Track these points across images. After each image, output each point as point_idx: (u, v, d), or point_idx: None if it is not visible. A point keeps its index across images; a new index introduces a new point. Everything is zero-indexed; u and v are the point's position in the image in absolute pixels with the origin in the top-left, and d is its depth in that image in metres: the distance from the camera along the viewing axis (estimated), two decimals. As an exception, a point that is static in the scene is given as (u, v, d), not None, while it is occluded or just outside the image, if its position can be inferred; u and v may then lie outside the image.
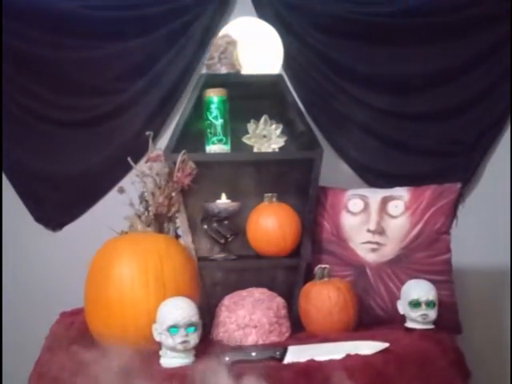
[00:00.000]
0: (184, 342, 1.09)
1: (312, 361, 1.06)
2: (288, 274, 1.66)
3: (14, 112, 1.74)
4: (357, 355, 1.07)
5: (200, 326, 1.15)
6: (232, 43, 1.66)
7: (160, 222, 1.58)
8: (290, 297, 1.60)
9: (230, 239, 1.64)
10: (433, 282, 1.50)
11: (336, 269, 1.61)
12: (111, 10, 1.76)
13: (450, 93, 1.83)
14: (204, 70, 1.69)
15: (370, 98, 1.83)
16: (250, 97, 1.75)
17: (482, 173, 1.85)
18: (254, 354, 1.10)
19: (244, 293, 1.49)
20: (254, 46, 1.71)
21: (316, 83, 1.85)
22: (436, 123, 1.85)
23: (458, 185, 1.59)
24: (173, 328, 1.10)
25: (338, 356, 1.08)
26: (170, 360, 1.12)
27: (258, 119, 1.73)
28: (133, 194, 1.57)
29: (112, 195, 1.74)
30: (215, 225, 1.62)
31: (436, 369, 1.12)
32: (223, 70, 1.64)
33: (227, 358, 1.10)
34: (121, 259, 1.25)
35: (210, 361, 1.09)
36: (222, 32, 1.73)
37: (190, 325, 1.11)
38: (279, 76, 1.64)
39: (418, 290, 1.36)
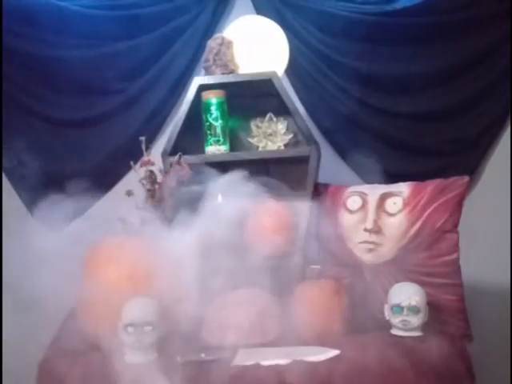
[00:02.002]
0: (137, 340, 1.14)
1: (256, 365, 1.04)
2: (286, 274, 1.64)
3: (14, 112, 1.83)
4: (302, 361, 1.03)
5: (159, 325, 1.18)
6: (225, 44, 1.67)
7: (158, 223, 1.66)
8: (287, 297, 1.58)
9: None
10: (436, 285, 1.40)
11: (334, 269, 1.55)
12: (111, 9, 1.82)
13: (450, 92, 1.79)
14: (202, 72, 1.72)
15: (369, 97, 1.80)
16: (249, 96, 1.75)
17: (483, 172, 1.81)
18: (203, 355, 1.11)
19: (234, 293, 1.49)
20: (260, 45, 1.71)
21: (316, 82, 1.83)
22: (436, 122, 1.80)
23: (466, 178, 1.45)
24: (129, 326, 1.16)
25: (285, 361, 1.05)
26: (129, 357, 1.17)
27: (257, 118, 1.73)
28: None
29: (111, 195, 1.84)
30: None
31: (398, 380, 1.04)
32: (217, 72, 1.66)
33: (178, 358, 1.12)
34: (99, 261, 1.33)
35: (164, 359, 1.13)
36: (227, 31, 1.74)
37: (146, 324, 1.16)
38: (273, 73, 1.62)
39: (400, 293, 1.26)
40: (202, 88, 1.65)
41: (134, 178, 1.60)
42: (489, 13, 1.77)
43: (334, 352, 1.06)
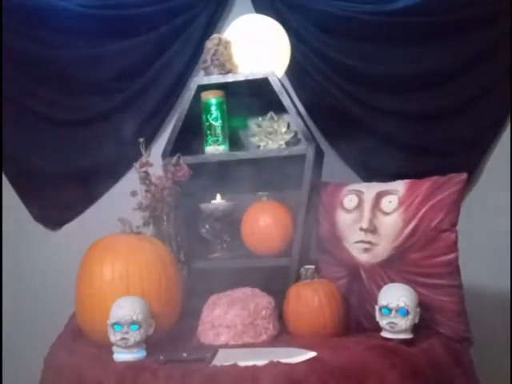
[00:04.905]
0: (123, 339, 1.16)
1: (233, 365, 1.05)
2: (283, 273, 1.63)
3: (13, 111, 1.85)
4: (278, 363, 1.02)
5: (147, 324, 1.20)
6: (222, 44, 1.67)
7: (157, 223, 1.68)
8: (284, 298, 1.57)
9: (226, 239, 1.66)
10: (433, 286, 1.36)
11: (332, 269, 1.53)
12: (110, 9, 1.84)
13: (450, 91, 1.77)
14: (202, 73, 1.73)
15: (369, 96, 1.78)
16: (249, 95, 1.75)
17: (482, 172, 1.80)
18: (184, 354, 1.12)
19: (228, 292, 1.50)
20: (262, 44, 1.70)
21: (316, 82, 1.82)
22: (435, 122, 1.78)
23: (463, 175, 1.39)
24: (116, 325, 1.18)
25: (262, 362, 1.04)
26: (117, 355, 1.19)
27: (258, 117, 1.73)
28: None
29: (111, 194, 1.87)
30: (209, 225, 1.65)
31: (377, 383, 1.01)
32: (215, 72, 1.67)
33: (161, 357, 1.14)
34: (93, 260, 1.35)
35: (147, 359, 1.15)
36: (229, 30, 1.75)
37: (132, 323, 1.17)
38: (270, 72, 1.61)
39: (388, 295, 1.22)
40: (201, 88, 1.67)
41: (133, 178, 1.63)
42: (488, 12, 1.74)
43: (311, 354, 1.05)
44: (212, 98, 1.67)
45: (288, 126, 1.74)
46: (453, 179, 1.40)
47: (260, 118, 1.75)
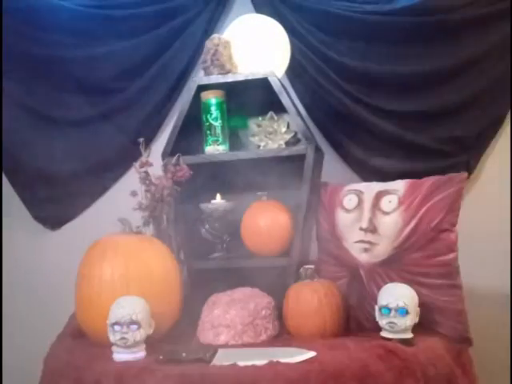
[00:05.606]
0: (123, 338, 1.17)
1: (233, 365, 1.05)
2: (283, 273, 1.63)
3: (14, 111, 1.85)
4: (278, 363, 1.02)
5: (146, 324, 1.20)
6: (222, 44, 1.67)
7: (157, 223, 1.68)
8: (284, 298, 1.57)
9: (226, 239, 1.67)
10: (433, 286, 1.36)
11: (332, 269, 1.54)
12: (110, 8, 1.85)
13: (450, 91, 1.77)
14: (202, 73, 1.73)
15: (369, 96, 1.78)
16: (249, 95, 1.75)
17: (482, 172, 1.80)
18: (184, 354, 1.12)
19: (228, 292, 1.50)
20: (262, 44, 1.70)
21: (316, 82, 1.82)
22: (435, 122, 1.77)
23: (464, 174, 1.40)
24: (115, 325, 1.18)
25: (261, 362, 1.04)
26: (117, 355, 1.20)
27: (257, 117, 1.74)
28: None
29: (111, 194, 1.88)
30: (209, 225, 1.65)
31: (376, 383, 1.01)
32: (215, 72, 1.67)
33: (161, 357, 1.14)
34: (93, 259, 1.35)
35: (147, 358, 1.15)
36: (229, 30, 1.75)
37: (132, 323, 1.18)
38: (270, 73, 1.61)
39: (388, 295, 1.23)
40: (201, 88, 1.67)
41: (133, 178, 1.63)
42: (488, 13, 1.74)
43: (311, 354, 1.05)
44: (212, 98, 1.67)
45: (288, 126, 1.75)
46: (453, 179, 1.40)
47: (260, 118, 1.75)
